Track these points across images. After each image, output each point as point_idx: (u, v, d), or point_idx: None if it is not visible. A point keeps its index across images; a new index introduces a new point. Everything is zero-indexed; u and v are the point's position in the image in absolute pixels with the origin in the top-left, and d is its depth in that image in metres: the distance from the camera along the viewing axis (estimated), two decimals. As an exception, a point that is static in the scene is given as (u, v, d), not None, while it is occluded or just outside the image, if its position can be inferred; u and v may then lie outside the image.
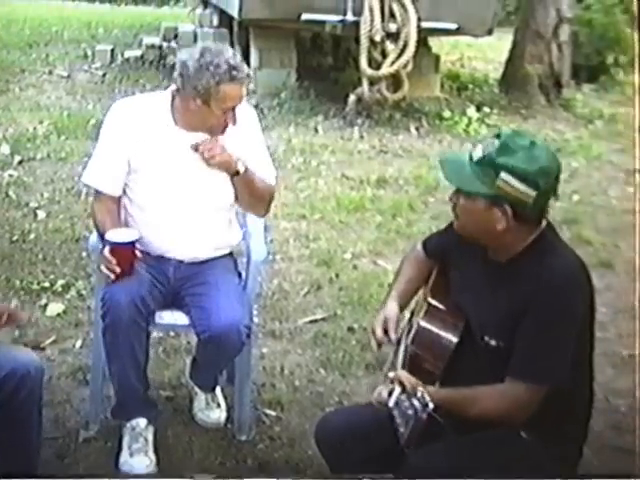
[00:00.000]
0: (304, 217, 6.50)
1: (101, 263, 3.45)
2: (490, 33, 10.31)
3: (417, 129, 9.37)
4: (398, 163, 8.17)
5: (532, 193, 2.54)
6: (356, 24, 9.10)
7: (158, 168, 3.54)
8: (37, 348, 4.40)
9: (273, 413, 4.05)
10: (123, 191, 3.60)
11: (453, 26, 9.73)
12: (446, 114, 9.81)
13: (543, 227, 2.67)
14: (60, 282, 5.12)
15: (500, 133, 2.63)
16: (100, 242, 3.54)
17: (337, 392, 4.28)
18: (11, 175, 6.92)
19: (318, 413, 3.88)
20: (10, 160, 7.24)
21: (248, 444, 3.83)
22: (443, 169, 2.70)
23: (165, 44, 11.16)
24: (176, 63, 3.47)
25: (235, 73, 3.37)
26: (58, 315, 4.79)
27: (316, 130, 8.96)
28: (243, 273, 3.85)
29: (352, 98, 9.37)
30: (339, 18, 9.23)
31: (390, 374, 2.61)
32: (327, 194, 7.05)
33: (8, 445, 3.05)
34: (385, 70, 9.10)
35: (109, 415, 3.76)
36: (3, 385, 2.94)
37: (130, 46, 11.72)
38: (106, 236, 3.41)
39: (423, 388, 2.48)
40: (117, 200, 3.61)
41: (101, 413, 3.80)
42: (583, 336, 2.64)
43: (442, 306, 2.83)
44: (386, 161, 8.24)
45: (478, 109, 10.07)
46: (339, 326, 4.91)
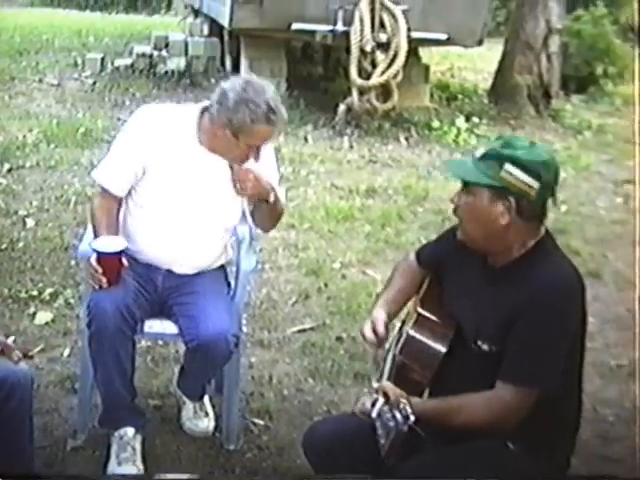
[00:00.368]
0: (293, 226, 6.49)
1: (87, 271, 3.45)
2: (480, 44, 10.37)
3: (406, 139, 9.40)
4: (387, 173, 8.18)
5: (535, 185, 2.56)
6: (346, 34, 9.13)
7: (171, 180, 3.53)
8: (25, 357, 4.38)
9: (261, 422, 4.04)
10: (129, 192, 3.59)
11: (443, 36, 9.79)
12: (435, 124, 9.84)
13: (542, 235, 2.69)
14: (48, 290, 5.11)
15: (502, 137, 2.67)
16: (92, 238, 3.54)
17: (325, 401, 4.27)
18: (0, 183, 6.90)
19: (306, 422, 3.87)
20: (-1, 168, 7.24)
21: (236, 453, 3.82)
22: (447, 167, 2.75)
23: (156, 53, 11.16)
24: (216, 91, 3.44)
25: (272, 117, 3.36)
26: (46, 324, 4.78)
27: (306, 139, 8.97)
28: (232, 282, 3.85)
29: (342, 108, 9.40)
30: (329, 28, 9.26)
31: (374, 384, 2.62)
32: (316, 203, 7.05)
33: (1, 454, 3.04)
34: (375, 80, 9.12)
35: (97, 424, 3.74)
36: None
37: (120, 55, 11.73)
38: (93, 245, 3.41)
39: (407, 400, 2.49)
40: (119, 201, 3.60)
41: (89, 422, 3.78)
42: (574, 346, 2.65)
43: (432, 316, 2.82)
44: (375, 171, 8.26)
45: (467, 119, 10.11)
46: (327, 336, 4.91)
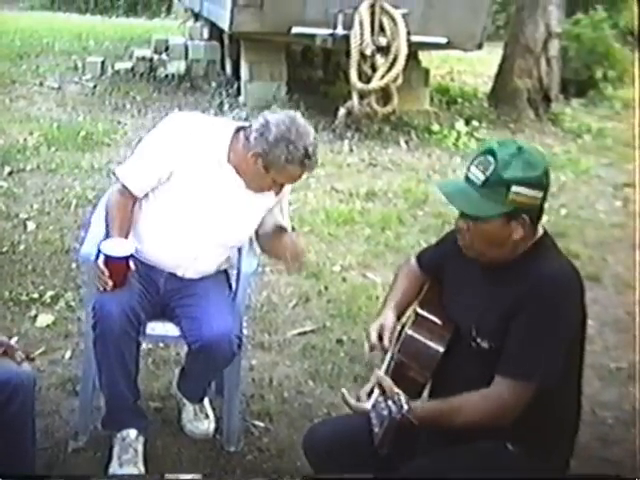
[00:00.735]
0: (293, 230, 6.49)
1: (92, 273, 3.46)
2: (480, 47, 10.38)
3: (406, 142, 9.41)
4: (387, 176, 8.20)
5: (540, 194, 2.59)
6: (346, 38, 9.14)
7: (192, 191, 3.53)
8: (26, 359, 4.40)
9: (262, 424, 4.06)
10: (146, 194, 3.60)
11: (443, 40, 9.80)
12: (435, 128, 9.86)
13: (541, 234, 2.70)
14: (49, 293, 5.12)
15: (488, 149, 2.63)
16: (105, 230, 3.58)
17: (325, 404, 4.29)
18: (1, 186, 6.92)
19: (307, 424, 3.86)
20: (0, 171, 7.24)
21: (237, 455, 3.84)
22: (452, 202, 2.66)
23: (156, 56, 11.18)
24: (260, 119, 3.44)
25: (307, 161, 3.39)
26: (47, 326, 4.79)
27: (306, 143, 8.96)
28: (233, 285, 3.86)
29: (342, 111, 9.41)
30: (329, 32, 9.27)
31: (372, 377, 2.64)
32: (316, 207, 7.07)
33: (4, 455, 3.06)
34: (375, 84, 9.14)
35: (98, 426, 3.76)
36: None
37: (121, 58, 11.74)
38: (102, 247, 3.42)
39: (405, 398, 2.51)
40: (135, 200, 3.61)
41: (90, 424, 3.80)
42: (573, 346, 2.66)
43: (431, 316, 2.84)
44: (375, 174, 8.27)
45: (467, 123, 10.13)
46: (328, 338, 4.93)
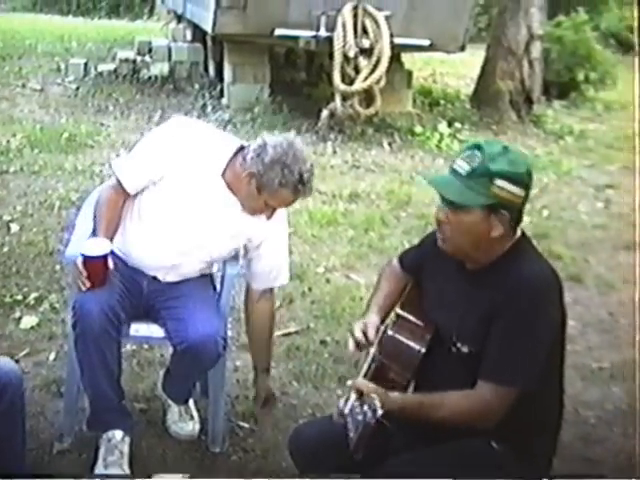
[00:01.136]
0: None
1: (73, 274, 3.47)
2: (462, 49, 10.43)
3: (389, 144, 9.44)
4: (370, 178, 8.22)
5: (522, 194, 2.60)
6: (329, 40, 9.17)
7: (181, 199, 3.51)
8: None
9: (247, 425, 4.06)
10: (136, 195, 3.58)
11: (426, 42, 9.84)
12: (418, 129, 9.90)
13: (519, 236, 2.72)
14: (33, 295, 5.11)
15: (475, 144, 2.66)
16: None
17: (310, 404, 4.30)
18: (-16, 188, 6.92)
19: (291, 425, 3.88)
20: (-17, 173, 7.23)
21: (222, 456, 3.84)
22: (435, 187, 2.70)
23: (139, 58, 11.17)
24: (258, 140, 3.44)
25: (300, 187, 3.38)
26: (32, 328, 4.78)
27: (289, 145, 8.97)
28: (218, 286, 3.87)
29: (325, 113, 9.43)
30: (312, 34, 9.29)
31: (348, 382, 2.65)
32: (299, 208, 7.04)
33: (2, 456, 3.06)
34: (358, 85, 9.16)
35: (83, 427, 3.75)
36: None
37: (103, 60, 11.72)
38: (80, 248, 3.43)
39: (384, 394, 2.52)
40: (125, 199, 3.59)
41: (75, 425, 3.79)
42: (554, 346, 2.67)
43: (411, 317, 2.85)
44: (358, 176, 8.29)
45: (450, 125, 10.17)
46: (312, 339, 4.93)
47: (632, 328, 4.63)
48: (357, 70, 9.19)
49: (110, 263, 3.43)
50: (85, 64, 11.16)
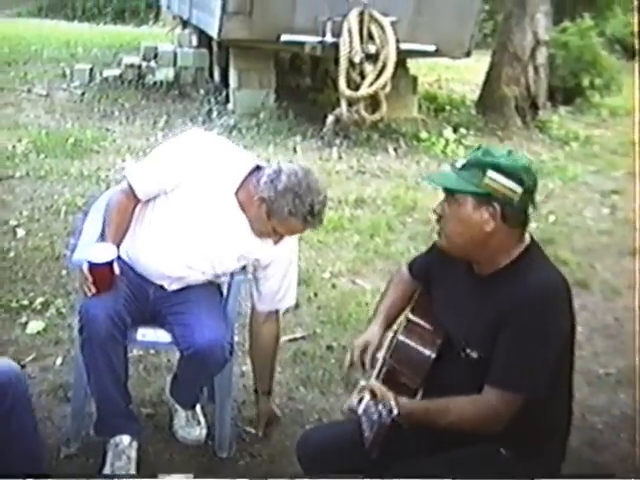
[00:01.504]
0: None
1: (79, 280, 3.47)
2: (468, 55, 10.43)
3: (395, 150, 9.45)
4: (376, 183, 8.22)
5: (518, 189, 2.60)
6: (335, 45, 9.18)
7: (191, 212, 3.51)
8: (17, 366, 4.41)
9: (253, 430, 4.05)
10: (146, 203, 3.58)
11: (431, 48, 9.84)
12: (423, 135, 9.90)
13: (528, 243, 2.71)
14: (40, 300, 5.11)
15: (480, 147, 2.71)
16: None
17: (317, 409, 4.30)
18: (-10, 193, 6.93)
19: (298, 430, 3.89)
20: (-11, 179, 7.25)
21: (229, 461, 3.84)
22: (430, 179, 2.82)
23: (144, 63, 11.18)
24: (274, 166, 3.43)
25: (310, 219, 3.37)
26: (38, 333, 4.78)
27: (294, 150, 9.01)
28: (224, 292, 3.88)
29: (330, 119, 9.44)
30: (318, 39, 9.31)
31: (362, 383, 2.65)
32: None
33: (12, 457, 3.06)
34: (363, 91, 9.17)
35: (91, 432, 3.76)
36: None
37: (109, 65, 11.74)
38: (86, 254, 3.44)
39: (394, 398, 2.53)
40: (136, 205, 3.60)
41: (82, 430, 3.79)
42: (563, 354, 2.67)
43: (422, 322, 2.86)
44: (364, 181, 8.30)
45: (455, 130, 10.17)
46: (318, 345, 4.93)
47: (638, 334, 4.63)
48: (363, 76, 9.20)
49: (116, 268, 3.44)
50: (91, 69, 11.18)
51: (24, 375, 3.14)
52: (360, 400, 2.55)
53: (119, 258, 3.50)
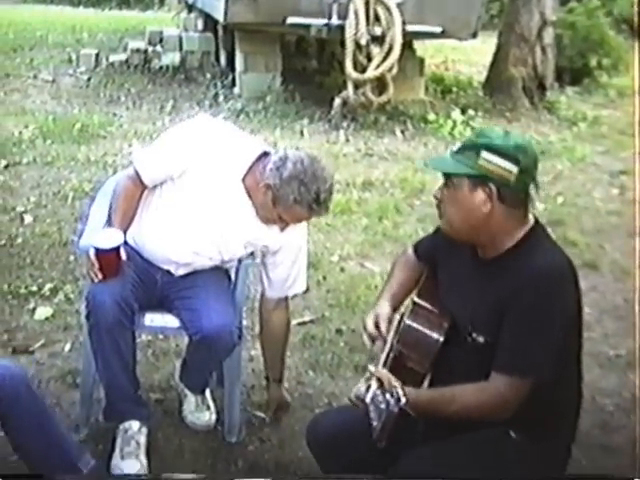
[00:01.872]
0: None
1: (86, 266, 3.47)
2: (474, 36, 10.37)
3: (402, 132, 9.41)
4: (384, 166, 8.20)
5: (514, 169, 2.57)
6: (341, 28, 9.14)
7: (198, 198, 3.49)
8: (26, 352, 4.41)
9: (262, 415, 4.05)
10: (154, 188, 3.57)
11: (438, 29, 9.79)
12: (431, 117, 9.86)
13: (532, 224, 2.69)
14: (48, 286, 5.11)
15: (478, 129, 2.71)
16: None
17: (326, 393, 4.29)
18: (-3, 180, 6.92)
19: (307, 415, 3.89)
20: (-4, 165, 7.24)
21: (238, 446, 3.83)
22: (427, 163, 2.82)
23: (150, 48, 11.16)
24: (280, 153, 3.41)
25: (315, 207, 3.34)
26: (46, 319, 4.78)
27: (302, 133, 8.99)
28: (232, 276, 3.87)
29: (337, 101, 9.40)
30: (324, 22, 9.27)
31: (371, 368, 2.64)
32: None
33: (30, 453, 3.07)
34: (370, 73, 9.13)
35: (99, 418, 3.76)
36: None
37: (115, 50, 11.72)
38: (92, 240, 3.43)
39: (401, 387, 2.51)
40: (143, 190, 3.58)
41: (91, 416, 3.79)
42: (570, 335, 2.65)
43: (429, 305, 2.83)
44: (372, 164, 8.27)
45: (463, 112, 10.11)
46: (327, 328, 4.93)
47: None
48: (369, 58, 9.16)
49: (123, 254, 3.43)
50: (96, 55, 11.16)
51: (21, 372, 3.11)
52: (367, 389, 2.53)
53: (126, 243, 3.49)
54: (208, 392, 4.00)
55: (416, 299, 2.90)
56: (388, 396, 2.44)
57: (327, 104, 9.52)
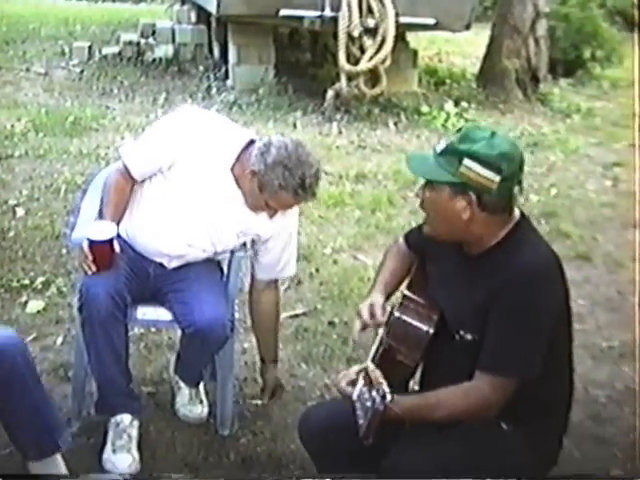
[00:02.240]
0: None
1: (79, 258, 3.45)
2: (468, 28, 10.36)
3: (395, 124, 9.41)
4: (377, 158, 8.19)
5: (496, 178, 2.53)
6: (334, 20, 9.13)
7: (188, 190, 3.48)
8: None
9: (258, 402, 4.03)
10: (144, 181, 3.55)
11: (431, 21, 9.77)
12: (424, 109, 9.86)
13: (517, 219, 2.67)
14: (40, 279, 5.09)
15: (464, 127, 2.67)
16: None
17: (318, 386, 4.29)
18: (-11, 173, 6.91)
19: (300, 407, 3.88)
20: (-12, 158, 7.22)
21: (231, 439, 3.82)
22: (408, 163, 2.74)
23: (143, 40, 11.15)
24: (265, 139, 3.39)
25: (301, 192, 3.32)
26: (38, 312, 4.77)
27: (294, 126, 8.98)
28: (225, 268, 3.86)
29: (330, 94, 9.40)
30: (317, 14, 9.26)
31: (355, 367, 2.63)
32: (306, 189, 7.04)
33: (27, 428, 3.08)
34: (363, 65, 9.13)
35: (91, 412, 3.75)
36: None
37: (108, 43, 11.72)
38: (85, 232, 3.42)
39: (388, 389, 2.49)
40: (133, 184, 3.57)
41: (83, 410, 3.79)
42: (559, 329, 2.64)
43: (418, 298, 2.82)
44: (365, 156, 8.26)
45: (456, 104, 10.13)
46: (320, 321, 4.92)
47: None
48: (362, 50, 9.16)
49: (116, 246, 3.42)
50: (89, 47, 11.16)
51: (20, 341, 3.12)
52: (354, 386, 2.52)
53: (118, 236, 3.48)
54: (202, 385, 3.99)
55: (405, 292, 2.89)
56: (374, 393, 2.42)
57: (320, 96, 9.51)
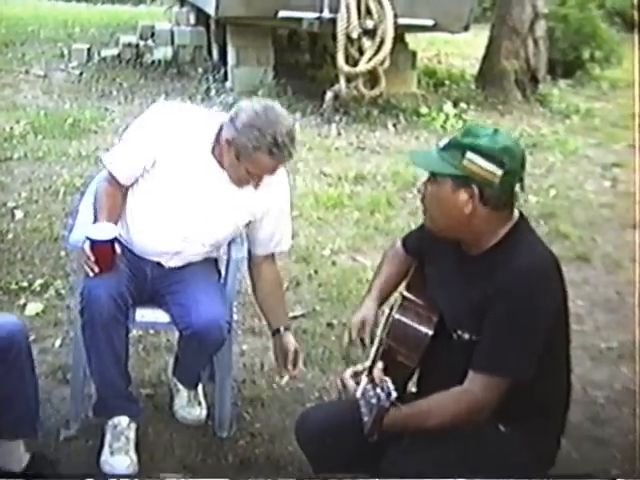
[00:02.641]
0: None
1: (81, 259, 3.45)
2: (466, 29, 10.37)
3: (394, 125, 9.41)
4: (376, 159, 8.20)
5: (498, 172, 2.55)
6: (333, 21, 9.13)
7: (175, 182, 3.49)
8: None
9: (254, 408, 4.04)
10: (132, 183, 3.56)
11: (429, 22, 9.78)
12: (423, 110, 9.85)
13: (516, 220, 2.68)
14: (39, 282, 5.09)
15: (467, 125, 2.68)
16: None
17: (317, 388, 4.29)
18: (-12, 175, 6.90)
19: (298, 409, 3.88)
20: (-13, 160, 7.21)
21: (229, 441, 3.82)
22: (412, 158, 2.82)
23: (142, 43, 11.15)
24: (234, 108, 3.39)
25: (275, 150, 3.30)
26: (37, 314, 4.77)
27: (293, 127, 8.95)
28: (223, 270, 3.86)
29: (329, 95, 9.40)
30: (316, 15, 9.25)
31: (358, 366, 2.63)
32: (305, 191, 7.05)
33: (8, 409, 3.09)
34: (362, 67, 9.13)
35: (90, 414, 3.75)
36: None
37: (107, 45, 11.72)
38: (86, 232, 3.41)
39: (393, 386, 2.49)
40: (123, 189, 3.57)
41: (81, 412, 3.79)
42: (556, 330, 2.64)
43: (417, 299, 2.83)
44: (364, 158, 8.27)
45: (455, 105, 10.12)
46: (318, 322, 4.92)
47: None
48: (361, 51, 9.16)
49: (117, 247, 3.42)
50: (88, 49, 11.15)
51: (26, 331, 3.17)
52: (358, 383, 2.53)
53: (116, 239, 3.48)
54: (200, 387, 3.99)
55: (405, 293, 2.89)
56: (379, 390, 2.43)
57: (319, 98, 9.51)
